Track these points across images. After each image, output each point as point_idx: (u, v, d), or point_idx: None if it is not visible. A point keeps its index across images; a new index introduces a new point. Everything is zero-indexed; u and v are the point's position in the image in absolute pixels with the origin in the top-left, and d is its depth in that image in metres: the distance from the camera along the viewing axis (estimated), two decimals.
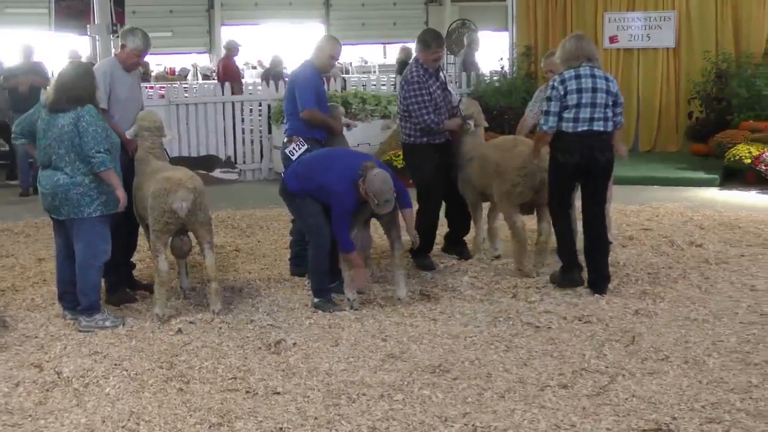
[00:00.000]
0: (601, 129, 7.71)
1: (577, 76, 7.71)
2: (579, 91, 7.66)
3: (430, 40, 8.78)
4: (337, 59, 8.85)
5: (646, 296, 7.68)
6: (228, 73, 17.98)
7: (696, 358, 6.23)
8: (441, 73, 8.92)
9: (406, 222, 7.64)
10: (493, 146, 8.70)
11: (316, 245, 7.55)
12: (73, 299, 7.31)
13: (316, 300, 7.58)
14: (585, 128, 7.66)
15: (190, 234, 7.64)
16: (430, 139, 8.78)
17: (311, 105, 8.30)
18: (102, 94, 7.64)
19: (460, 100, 9.04)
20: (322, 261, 7.57)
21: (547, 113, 7.75)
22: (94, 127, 6.99)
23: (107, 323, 7.17)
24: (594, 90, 7.68)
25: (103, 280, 7.56)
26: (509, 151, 8.34)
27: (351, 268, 7.46)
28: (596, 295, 7.69)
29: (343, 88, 16.21)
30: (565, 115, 7.67)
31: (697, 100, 15.38)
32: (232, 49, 18.88)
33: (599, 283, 7.84)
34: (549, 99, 7.77)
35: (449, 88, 8.99)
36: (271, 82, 15.60)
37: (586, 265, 7.99)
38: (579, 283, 7.93)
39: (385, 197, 7.22)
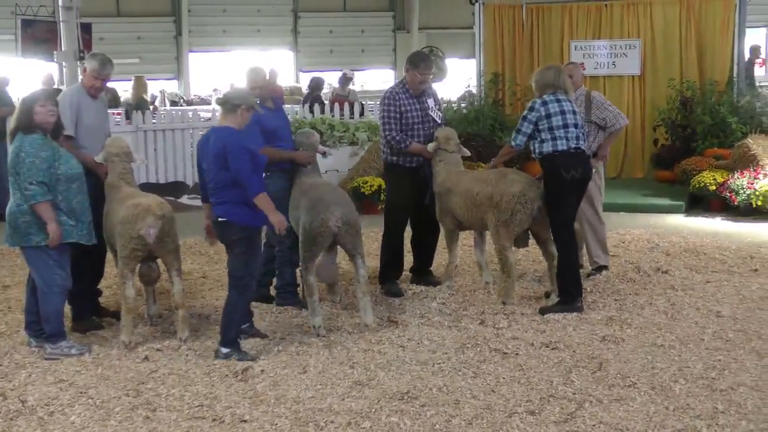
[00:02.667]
0: (583, 147, 8.18)
1: (557, 100, 8.09)
2: (563, 113, 8.04)
3: (418, 61, 8.84)
4: (258, 89, 8.27)
5: (613, 322, 7.71)
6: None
7: (663, 384, 6.26)
8: (429, 100, 8.94)
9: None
10: (479, 180, 8.56)
11: (243, 297, 7.17)
12: (39, 328, 7.24)
13: (224, 350, 7.02)
14: (575, 145, 8.04)
15: (159, 261, 7.61)
16: (400, 159, 8.82)
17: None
18: (68, 121, 7.61)
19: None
20: (242, 313, 7.26)
21: (518, 131, 8.14)
22: (32, 158, 6.89)
23: (73, 351, 7.11)
24: (573, 112, 8.12)
25: (69, 308, 7.51)
26: (501, 180, 8.31)
27: (267, 212, 6.96)
28: (563, 321, 7.73)
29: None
30: (557, 134, 7.98)
31: (662, 128, 15.50)
32: (275, 74, 19.22)
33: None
34: (524, 118, 8.10)
35: (433, 114, 8.94)
36: None
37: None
38: (581, 309, 8.04)
39: (246, 92, 7.46)
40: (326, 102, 18.49)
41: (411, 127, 8.76)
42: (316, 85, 20.11)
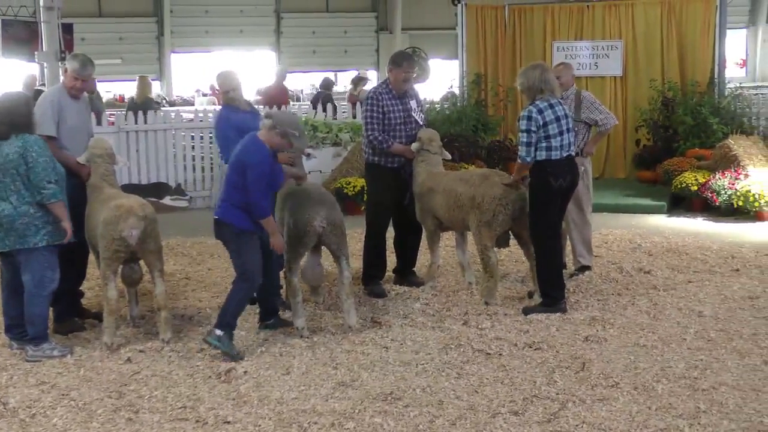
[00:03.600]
0: (574, 153, 8.26)
1: (551, 106, 8.02)
2: (558, 119, 8.00)
3: (400, 60, 8.87)
4: (232, 91, 8.20)
5: (595, 322, 7.73)
6: (281, 96, 18.26)
7: (645, 384, 6.29)
8: (411, 101, 8.95)
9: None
10: (461, 180, 8.59)
11: (245, 289, 7.23)
12: (21, 332, 7.20)
13: (218, 332, 7.03)
14: (568, 153, 8.07)
15: (141, 262, 7.59)
16: (382, 159, 8.83)
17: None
18: (50, 121, 7.58)
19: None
20: (242, 304, 7.28)
21: (529, 144, 7.95)
22: (44, 158, 6.93)
23: (55, 352, 7.08)
24: (566, 117, 8.09)
25: (51, 309, 7.47)
26: (484, 182, 8.34)
27: (270, 234, 7.17)
28: (546, 321, 7.74)
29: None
30: (554, 143, 7.94)
31: (644, 128, 15.58)
32: (283, 74, 19.37)
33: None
34: (527, 131, 7.93)
35: (415, 115, 8.95)
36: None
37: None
38: (565, 310, 8.05)
39: (299, 127, 7.28)
40: (337, 102, 18.69)
41: (393, 127, 8.77)
42: (326, 84, 20.16)
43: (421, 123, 9.02)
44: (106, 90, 25.06)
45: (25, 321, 7.12)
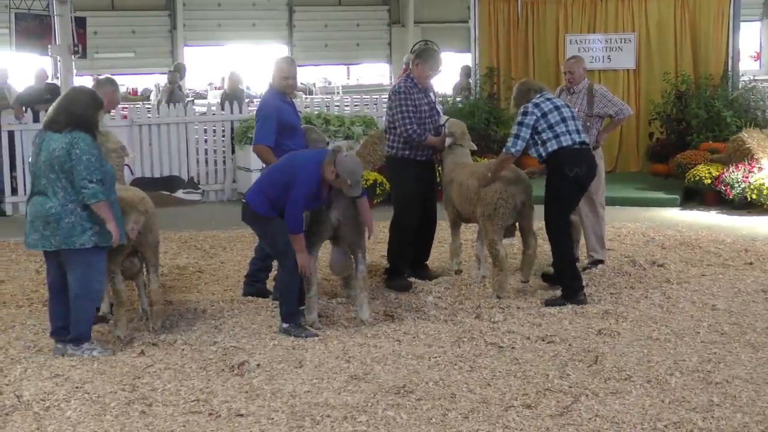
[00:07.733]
0: (587, 141, 8.27)
1: (548, 99, 8.16)
2: (557, 108, 8.08)
3: (427, 57, 8.90)
4: (291, 78, 8.54)
5: (608, 316, 7.72)
6: None
7: (658, 377, 6.28)
8: (431, 93, 9.02)
9: (363, 211, 7.62)
10: (470, 172, 8.63)
11: (288, 267, 7.42)
12: (67, 333, 7.01)
13: (285, 325, 7.39)
14: (580, 139, 8.08)
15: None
16: (411, 153, 8.82)
17: (264, 140, 8.24)
18: None
19: (446, 121, 9.01)
20: (293, 283, 7.41)
21: (517, 137, 8.08)
22: (88, 155, 6.72)
23: (95, 353, 6.96)
24: (566, 106, 8.21)
25: None
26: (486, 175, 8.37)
27: (297, 251, 7.35)
28: (559, 315, 7.74)
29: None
30: (559, 130, 7.99)
31: (657, 121, 15.52)
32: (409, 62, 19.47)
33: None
34: (520, 123, 8.06)
35: (438, 108, 9.05)
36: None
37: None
38: (585, 302, 8.07)
39: (357, 177, 7.28)
40: None
41: (423, 120, 8.77)
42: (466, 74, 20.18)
43: (441, 114, 9.10)
44: (119, 84, 25.13)
45: (71, 321, 6.96)
